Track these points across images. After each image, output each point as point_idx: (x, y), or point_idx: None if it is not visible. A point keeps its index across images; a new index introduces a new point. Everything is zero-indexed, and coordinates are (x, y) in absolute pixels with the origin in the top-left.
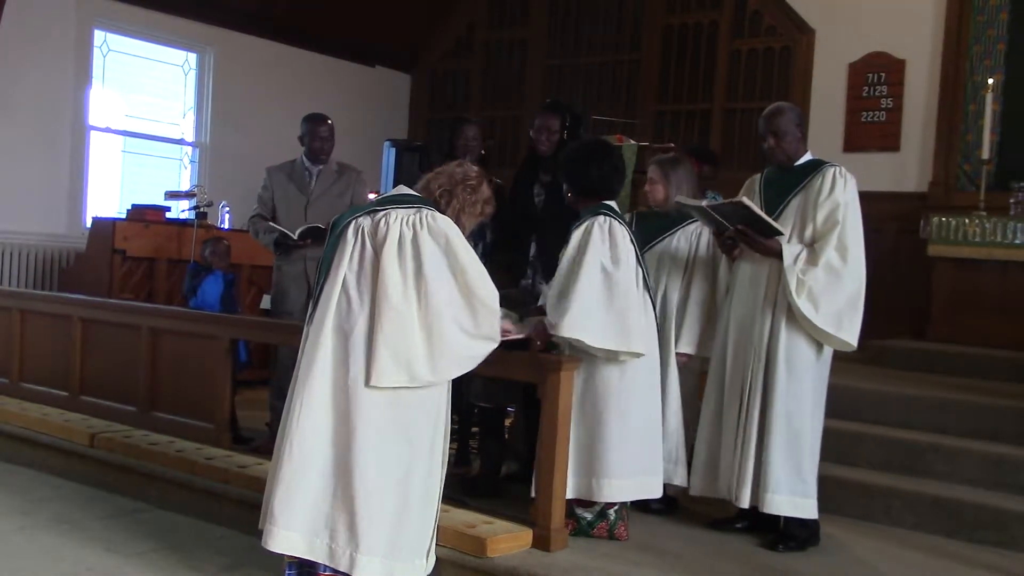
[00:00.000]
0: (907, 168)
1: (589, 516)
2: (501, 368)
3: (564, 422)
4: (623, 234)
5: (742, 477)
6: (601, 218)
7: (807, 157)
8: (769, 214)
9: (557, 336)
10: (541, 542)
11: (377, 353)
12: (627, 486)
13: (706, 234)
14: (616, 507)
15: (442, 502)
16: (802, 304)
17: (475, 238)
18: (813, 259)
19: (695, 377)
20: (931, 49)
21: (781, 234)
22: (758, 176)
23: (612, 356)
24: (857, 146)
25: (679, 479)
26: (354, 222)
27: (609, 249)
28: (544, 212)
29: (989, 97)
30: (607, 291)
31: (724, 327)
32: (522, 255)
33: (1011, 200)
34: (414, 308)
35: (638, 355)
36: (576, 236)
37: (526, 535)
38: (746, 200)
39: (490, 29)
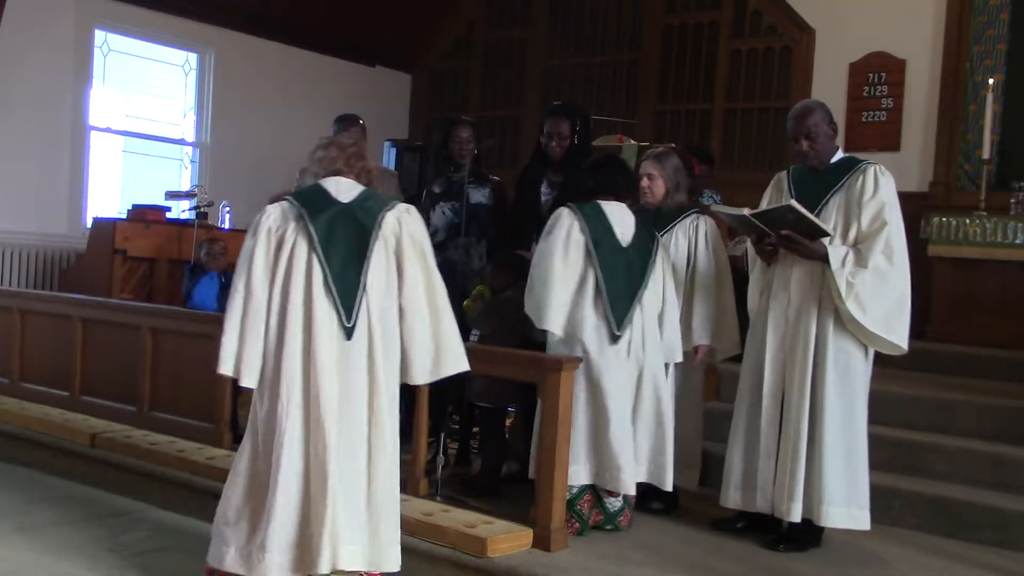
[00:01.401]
0: (907, 168)
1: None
2: (501, 368)
3: (564, 422)
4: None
5: (792, 490)
6: (559, 209)
7: (839, 155)
8: None
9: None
10: (541, 542)
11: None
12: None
13: (704, 227)
14: (574, 490)
15: (442, 502)
16: (851, 307)
17: (477, 235)
18: (861, 261)
19: (700, 375)
20: (931, 49)
21: (829, 235)
22: (783, 174)
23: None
24: (857, 146)
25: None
26: (379, 229)
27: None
28: (550, 212)
29: (990, 97)
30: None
31: (760, 333)
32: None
33: (1012, 200)
34: (425, 302)
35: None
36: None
37: (526, 535)
38: (795, 204)
39: (490, 29)
